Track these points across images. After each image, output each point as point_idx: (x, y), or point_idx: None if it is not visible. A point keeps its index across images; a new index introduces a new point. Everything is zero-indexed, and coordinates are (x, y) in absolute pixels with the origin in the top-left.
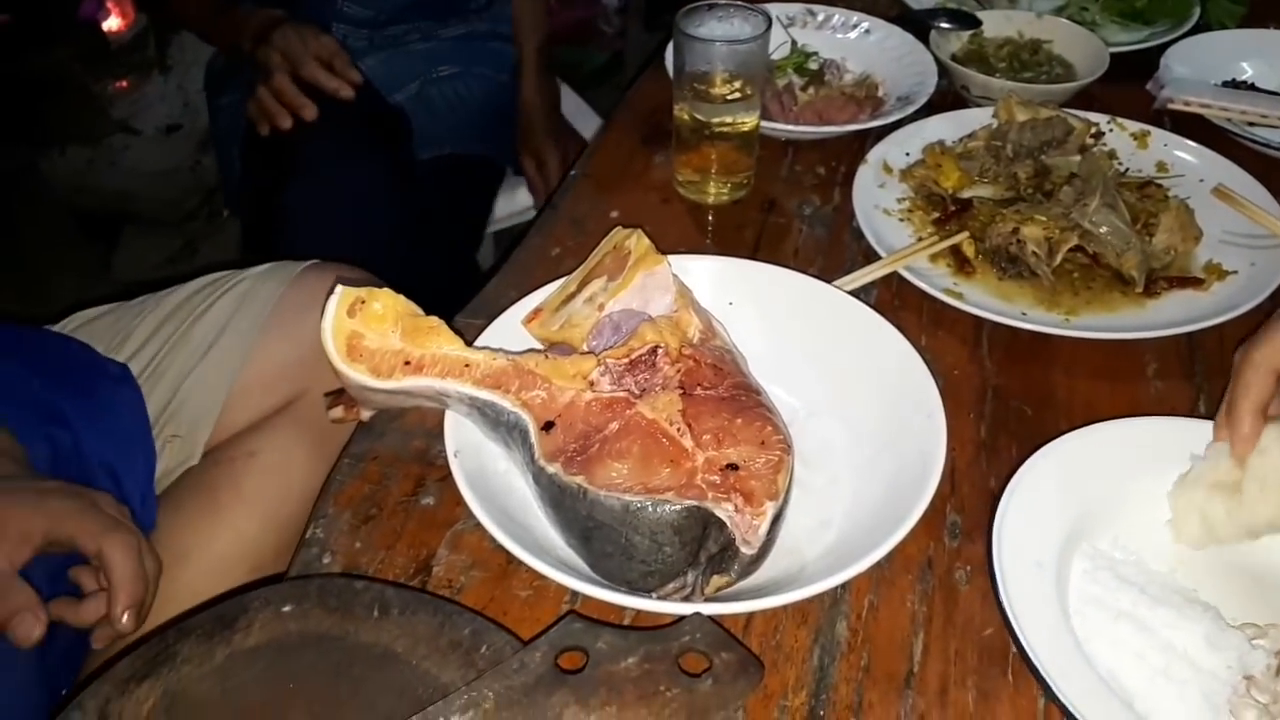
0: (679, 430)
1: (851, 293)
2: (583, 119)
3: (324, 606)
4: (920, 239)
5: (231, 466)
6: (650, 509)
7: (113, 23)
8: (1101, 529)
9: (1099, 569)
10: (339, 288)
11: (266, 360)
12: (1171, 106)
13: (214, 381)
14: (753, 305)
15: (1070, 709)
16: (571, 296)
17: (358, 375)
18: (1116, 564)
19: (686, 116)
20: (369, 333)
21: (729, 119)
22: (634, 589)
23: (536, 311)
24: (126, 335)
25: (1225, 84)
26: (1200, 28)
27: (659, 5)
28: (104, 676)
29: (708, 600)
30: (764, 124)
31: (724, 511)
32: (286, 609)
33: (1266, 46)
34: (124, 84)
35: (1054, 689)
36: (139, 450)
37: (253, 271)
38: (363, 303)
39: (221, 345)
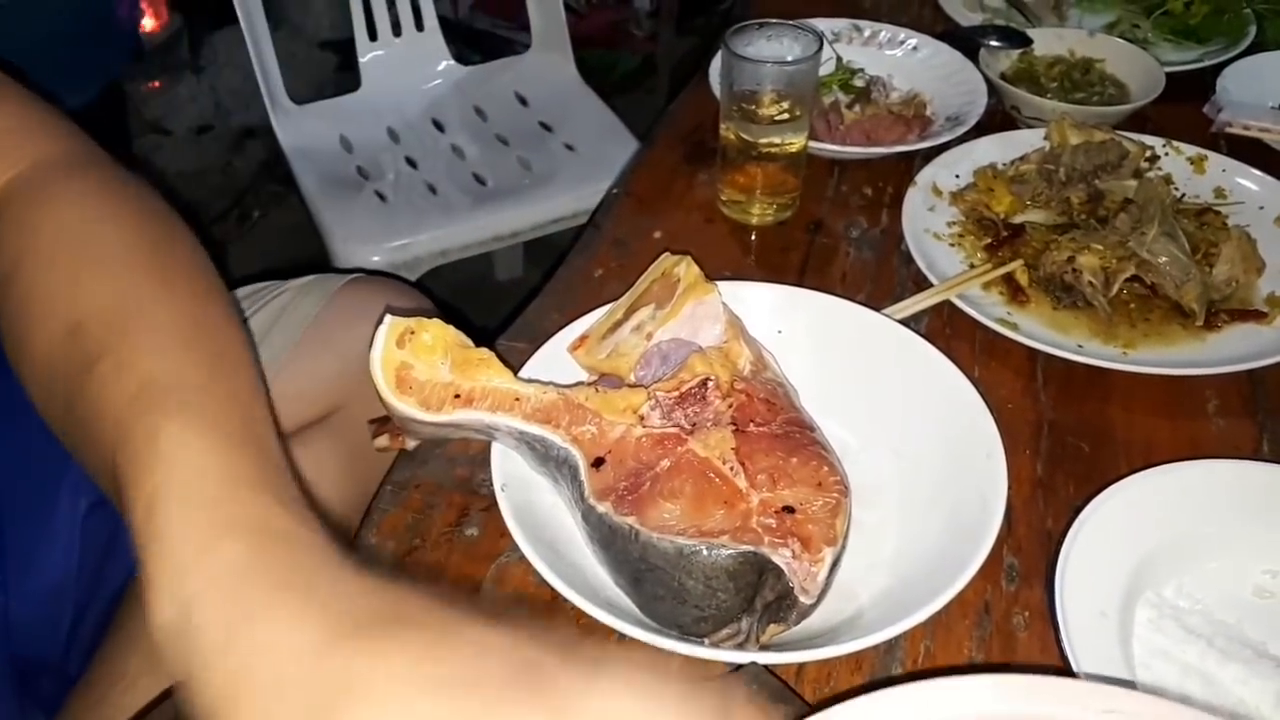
0: (732, 469)
1: (902, 321)
2: (616, 138)
3: None
4: (972, 266)
5: None
6: (705, 553)
7: (147, 23)
8: (1166, 576)
9: (1164, 619)
10: (388, 318)
11: (305, 373)
12: (1230, 130)
13: None
14: (803, 335)
15: None
16: (619, 324)
17: (407, 408)
18: (1182, 614)
19: (733, 136)
20: (418, 364)
21: (777, 139)
22: (685, 634)
23: (582, 338)
24: None
25: None
26: (1256, 47)
27: (691, 8)
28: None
29: (762, 648)
30: (812, 144)
31: (781, 558)
32: None
33: None
34: (156, 84)
35: None
36: None
37: (294, 283)
38: (412, 333)
39: (260, 357)
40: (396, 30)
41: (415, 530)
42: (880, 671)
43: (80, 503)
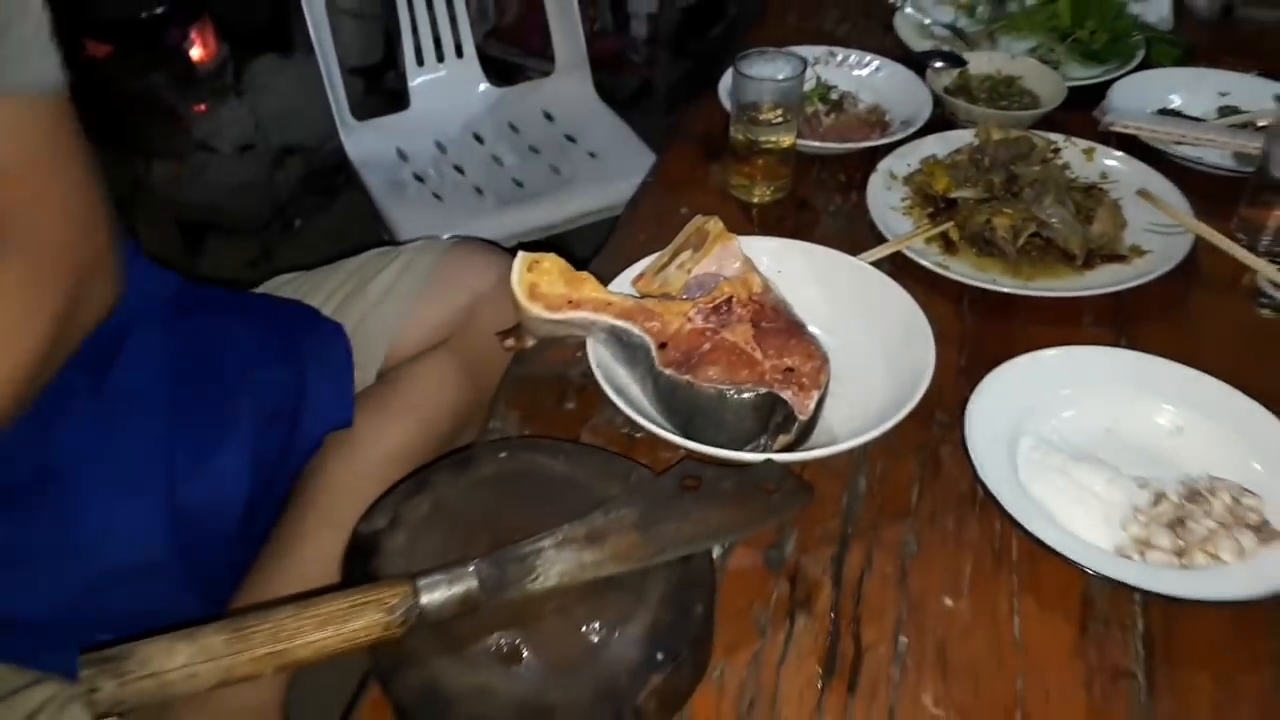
0: (751, 348)
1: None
2: (630, 146)
3: (528, 452)
4: (918, 227)
5: (399, 384)
6: (737, 395)
7: (197, 52)
8: (1039, 421)
9: (1038, 444)
10: (520, 253)
11: (426, 311)
12: (1113, 129)
13: (386, 325)
14: (797, 272)
15: (1016, 520)
16: (665, 265)
17: (536, 310)
18: (1050, 441)
19: (741, 136)
20: (541, 281)
21: (773, 138)
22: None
23: (639, 276)
24: (313, 293)
25: (1159, 111)
26: (1145, 65)
27: (684, 35)
28: (390, 494)
29: (775, 454)
30: (799, 142)
31: (786, 394)
32: (503, 454)
33: (1192, 82)
34: (203, 107)
35: (1006, 510)
36: (346, 375)
37: (411, 246)
38: (537, 262)
39: (391, 299)
40: (439, 56)
41: (531, 405)
42: (851, 479)
43: (257, 416)
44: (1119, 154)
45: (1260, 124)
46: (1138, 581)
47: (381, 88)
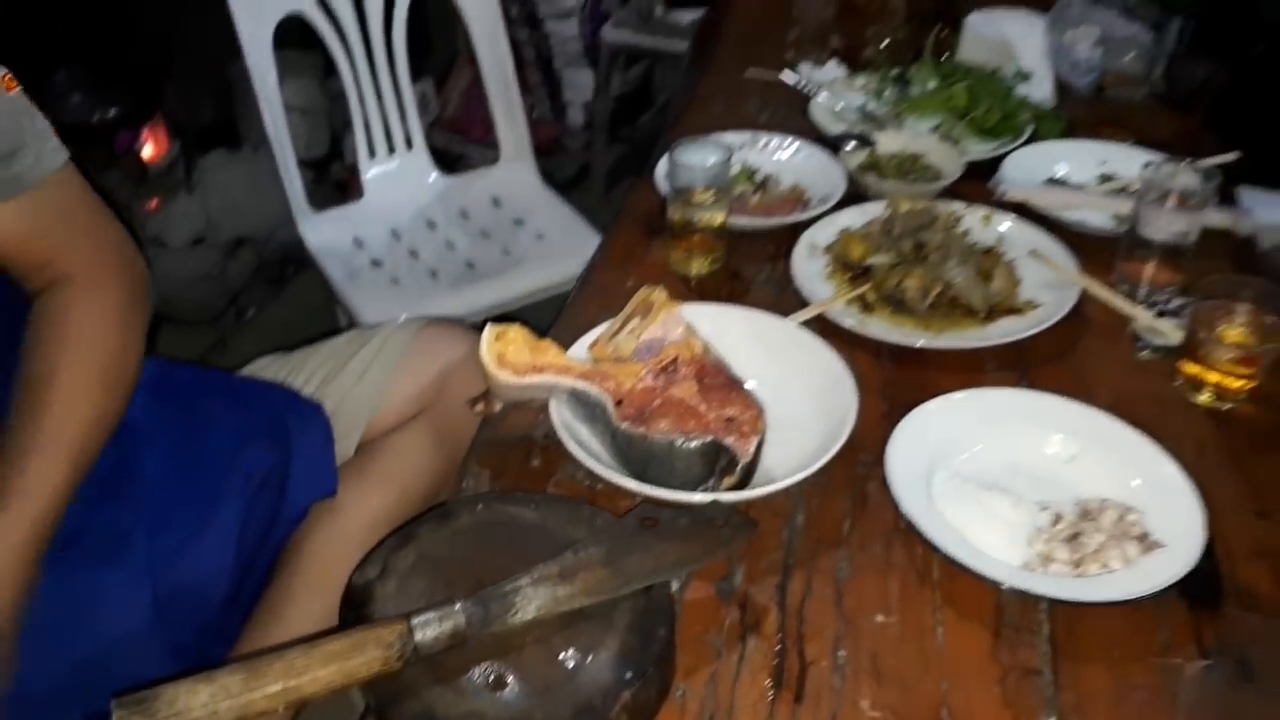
0: (697, 402)
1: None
2: (574, 227)
3: (501, 504)
4: (838, 292)
5: (379, 455)
6: (686, 443)
7: (149, 151)
8: (954, 456)
9: (952, 476)
10: (489, 325)
11: (402, 386)
12: (1007, 197)
13: (365, 400)
14: (733, 334)
15: (935, 544)
16: (617, 332)
17: (504, 376)
18: (962, 473)
19: (678, 216)
20: (508, 350)
21: (706, 217)
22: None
23: (594, 343)
24: (294, 375)
25: (1047, 180)
26: (1031, 140)
27: (618, 122)
28: (379, 547)
29: (722, 494)
30: (730, 220)
31: (729, 441)
32: (479, 507)
33: (1074, 153)
34: (155, 203)
35: (926, 536)
36: (328, 449)
37: (385, 326)
38: (504, 333)
39: (369, 376)
40: (390, 148)
41: (500, 465)
42: (790, 515)
43: (244, 491)
44: (1013, 219)
45: (1133, 189)
46: (1042, 591)
47: (328, 179)
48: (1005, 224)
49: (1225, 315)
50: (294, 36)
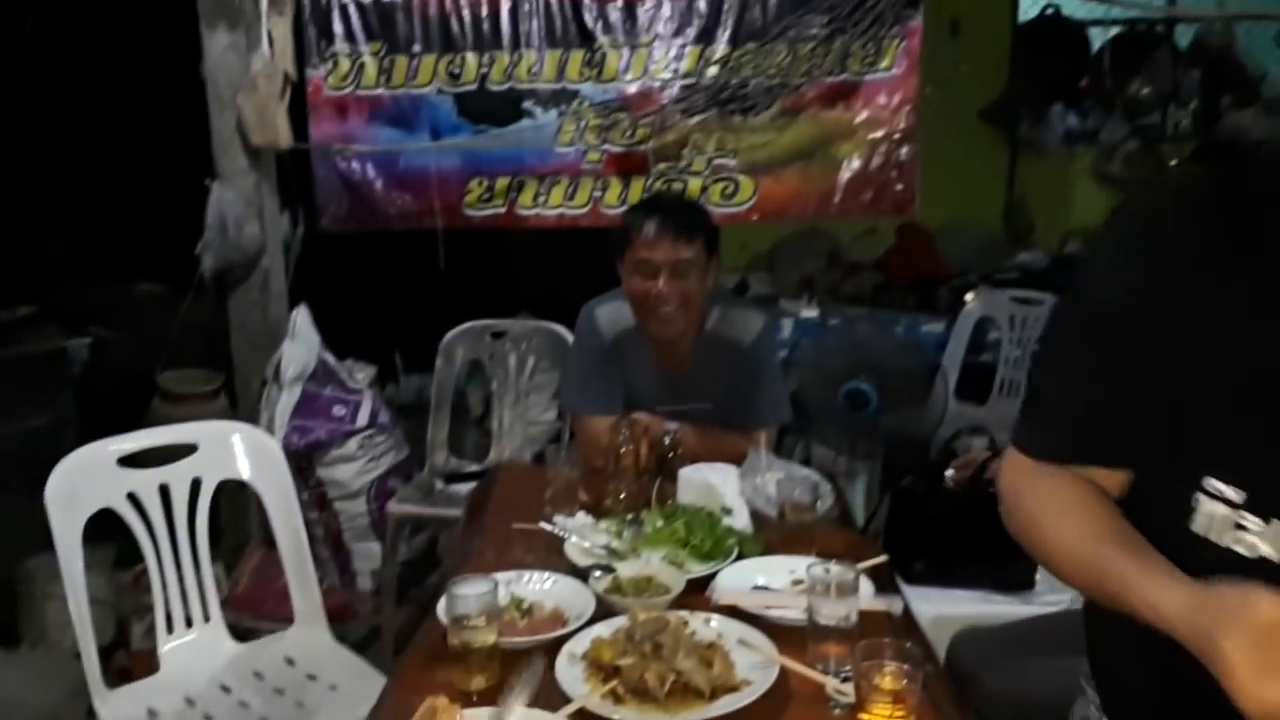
0: None
1: None
2: (367, 677)
3: None
4: (594, 689)
5: None
6: None
7: None
8: None
9: None
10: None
11: None
12: (721, 602)
13: None
14: None
15: None
16: None
17: None
18: None
19: (457, 640)
20: None
21: (480, 637)
22: None
23: None
24: None
25: (753, 588)
26: (739, 558)
27: (405, 588)
28: None
29: None
30: (502, 640)
31: None
32: None
33: (771, 567)
34: None
35: None
36: None
37: None
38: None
39: None
40: (188, 622)
41: None
42: None
43: None
44: (726, 619)
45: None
46: None
47: (112, 666)
48: (722, 623)
49: (879, 670)
50: (88, 531)
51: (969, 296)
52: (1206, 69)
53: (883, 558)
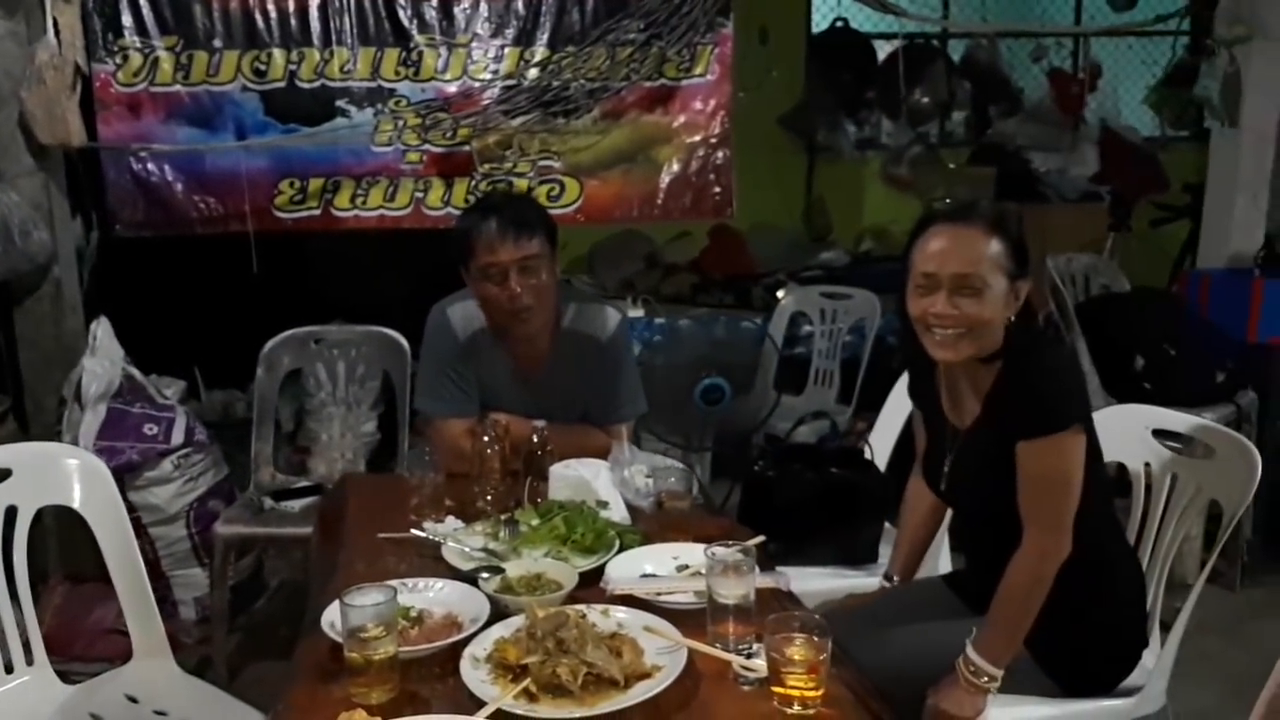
0: None
1: None
2: (228, 706)
3: None
4: (505, 690)
5: None
6: None
7: None
8: None
9: None
10: None
11: None
12: (616, 592)
13: None
14: None
15: None
16: None
17: None
18: None
19: (355, 653)
20: None
21: (380, 649)
22: None
23: None
24: None
25: (642, 575)
26: (621, 550)
27: (235, 613)
28: None
29: None
30: (402, 650)
31: None
32: None
33: (655, 554)
34: None
35: None
36: None
37: None
38: None
39: None
40: (9, 668)
41: None
42: None
43: None
44: (625, 609)
45: (702, 572)
46: None
47: None
48: (620, 612)
49: (789, 642)
50: None
51: (781, 293)
52: (975, 81)
53: (760, 538)
